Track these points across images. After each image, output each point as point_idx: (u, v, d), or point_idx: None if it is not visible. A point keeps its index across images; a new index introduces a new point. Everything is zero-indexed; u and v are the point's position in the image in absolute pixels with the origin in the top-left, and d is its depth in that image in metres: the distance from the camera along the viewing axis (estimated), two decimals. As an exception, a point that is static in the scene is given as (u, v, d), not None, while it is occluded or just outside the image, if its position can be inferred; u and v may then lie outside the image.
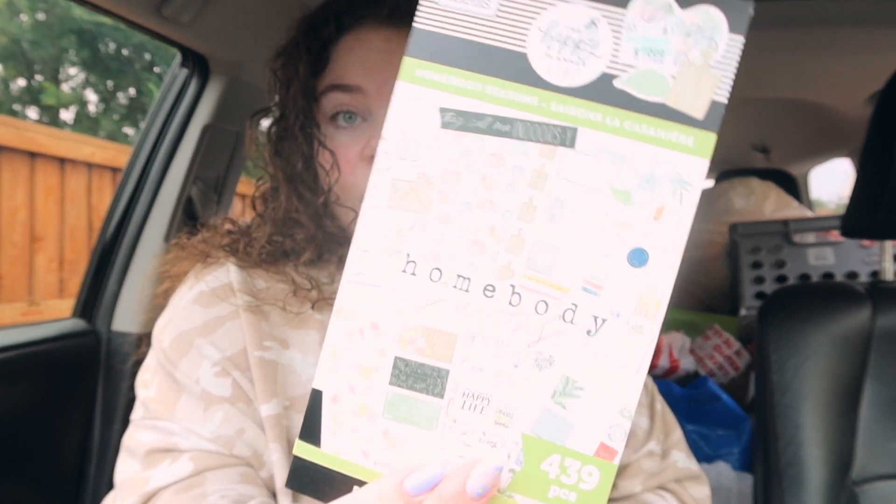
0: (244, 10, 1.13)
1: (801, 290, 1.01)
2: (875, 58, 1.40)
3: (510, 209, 0.37)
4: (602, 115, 0.36)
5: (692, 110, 0.37)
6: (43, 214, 3.37)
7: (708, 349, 1.85)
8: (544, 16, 0.36)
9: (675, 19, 0.36)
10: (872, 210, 0.90)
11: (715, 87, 0.37)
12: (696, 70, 0.36)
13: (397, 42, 0.63)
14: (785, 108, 2.10)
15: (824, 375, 0.93)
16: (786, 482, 0.91)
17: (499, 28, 0.36)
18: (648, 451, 0.73)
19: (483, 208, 0.37)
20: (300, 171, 0.65)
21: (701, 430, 1.52)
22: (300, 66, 0.64)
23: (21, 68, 6.83)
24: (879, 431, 0.91)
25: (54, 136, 3.45)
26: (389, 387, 0.38)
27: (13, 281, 3.27)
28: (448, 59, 0.37)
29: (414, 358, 0.38)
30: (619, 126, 0.36)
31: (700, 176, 0.37)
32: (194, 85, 1.27)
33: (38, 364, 1.10)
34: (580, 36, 0.36)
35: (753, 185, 2.16)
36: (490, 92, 0.37)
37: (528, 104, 0.36)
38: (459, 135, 0.37)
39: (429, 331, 0.37)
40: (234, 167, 1.40)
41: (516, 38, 0.36)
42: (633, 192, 0.36)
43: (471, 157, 0.37)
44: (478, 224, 0.37)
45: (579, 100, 0.36)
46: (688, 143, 0.36)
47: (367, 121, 0.63)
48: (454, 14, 0.37)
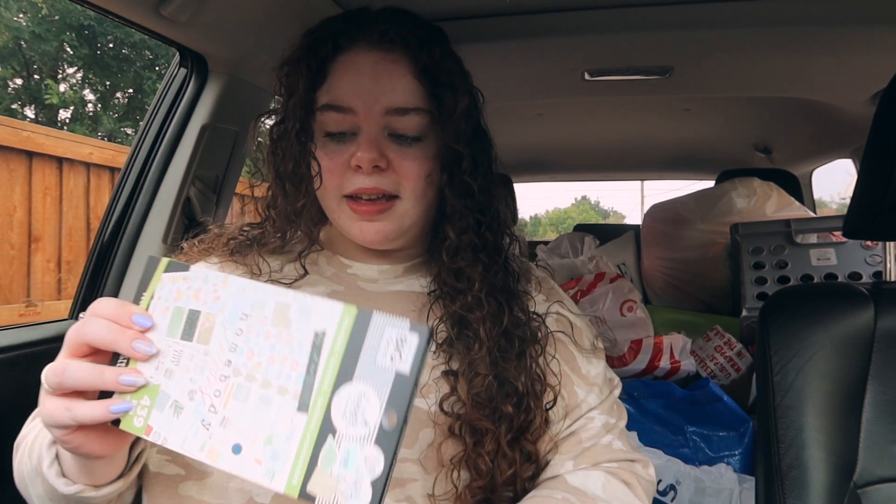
0: (242, 10, 1.13)
1: (802, 290, 1.01)
2: (878, 57, 1.40)
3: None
4: None
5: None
6: (41, 214, 3.37)
7: (709, 350, 1.84)
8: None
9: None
10: (875, 210, 0.90)
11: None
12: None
13: (384, 65, 0.72)
14: (787, 108, 2.10)
15: (826, 377, 0.92)
16: (787, 484, 0.91)
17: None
18: (589, 417, 0.77)
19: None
20: (289, 171, 0.75)
21: (702, 432, 1.52)
22: (301, 81, 0.73)
23: (19, 67, 6.83)
24: (882, 433, 0.90)
25: (52, 136, 3.44)
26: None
27: (10, 281, 3.27)
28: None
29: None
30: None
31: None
32: (193, 84, 1.27)
33: (36, 365, 1.09)
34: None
35: (755, 185, 2.15)
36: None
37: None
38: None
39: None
40: (233, 167, 1.40)
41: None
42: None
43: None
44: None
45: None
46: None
47: (356, 135, 0.72)
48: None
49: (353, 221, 0.73)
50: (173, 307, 0.52)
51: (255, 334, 0.49)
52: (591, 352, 0.81)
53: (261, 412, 0.48)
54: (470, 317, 0.72)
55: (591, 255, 2.40)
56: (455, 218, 0.74)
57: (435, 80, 0.72)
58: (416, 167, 0.72)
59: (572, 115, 2.38)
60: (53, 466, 0.57)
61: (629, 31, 1.34)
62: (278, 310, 0.49)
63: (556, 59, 1.54)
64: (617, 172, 3.81)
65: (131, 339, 0.50)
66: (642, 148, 2.92)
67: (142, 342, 0.50)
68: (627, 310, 1.95)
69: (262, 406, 0.48)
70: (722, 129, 2.51)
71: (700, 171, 3.30)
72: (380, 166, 0.70)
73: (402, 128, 0.72)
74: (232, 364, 0.49)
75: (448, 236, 0.74)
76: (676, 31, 1.34)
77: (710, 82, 1.74)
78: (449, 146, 0.73)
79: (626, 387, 1.71)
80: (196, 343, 0.51)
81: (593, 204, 34.65)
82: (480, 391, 0.69)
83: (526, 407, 0.71)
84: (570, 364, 0.78)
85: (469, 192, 0.74)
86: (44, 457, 0.57)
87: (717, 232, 2.08)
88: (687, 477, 1.42)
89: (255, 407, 0.48)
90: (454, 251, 0.74)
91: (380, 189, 0.71)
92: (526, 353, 0.73)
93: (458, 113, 0.73)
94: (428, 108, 0.72)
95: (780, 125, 2.37)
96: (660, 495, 1.42)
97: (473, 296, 0.73)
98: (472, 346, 0.71)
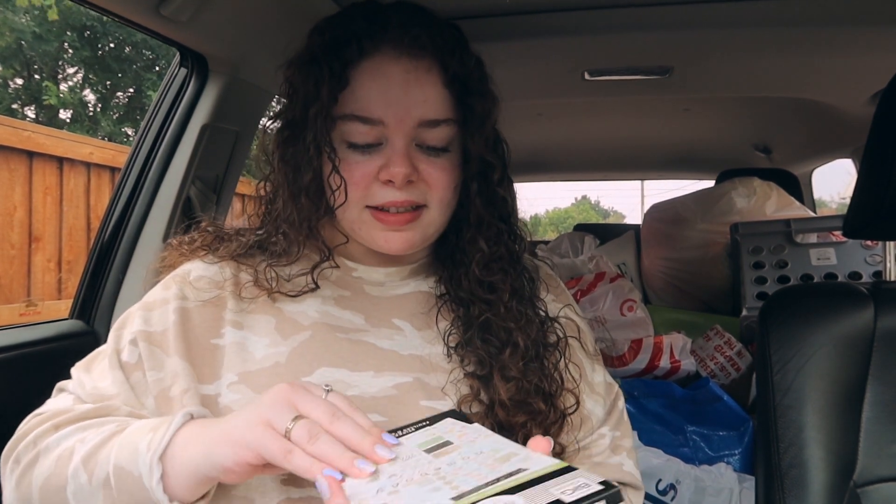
0: (243, 10, 1.13)
1: (802, 290, 1.01)
2: (878, 57, 1.40)
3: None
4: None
5: None
6: (41, 214, 3.37)
7: (709, 350, 1.84)
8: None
9: None
10: (875, 210, 0.90)
11: None
12: None
13: (415, 74, 0.67)
14: (787, 108, 2.10)
15: (826, 376, 0.92)
16: (787, 484, 0.91)
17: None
18: (600, 434, 0.77)
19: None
20: (307, 184, 0.69)
21: (702, 432, 1.52)
22: (322, 87, 0.67)
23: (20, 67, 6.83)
24: (882, 433, 0.90)
25: (53, 136, 3.44)
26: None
27: (11, 281, 3.27)
28: None
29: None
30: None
31: None
32: (193, 84, 1.27)
33: (36, 365, 1.10)
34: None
35: (755, 185, 2.16)
36: None
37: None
38: None
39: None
40: (233, 167, 1.40)
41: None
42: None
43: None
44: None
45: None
46: None
47: (381, 145, 0.68)
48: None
49: (378, 231, 0.70)
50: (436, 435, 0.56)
51: (475, 463, 0.51)
52: (594, 357, 0.81)
53: (423, 493, 0.48)
54: (498, 323, 0.71)
55: (591, 254, 2.40)
56: (484, 228, 0.73)
57: (465, 88, 0.70)
58: (444, 178, 0.70)
59: (572, 114, 2.38)
60: (161, 483, 0.56)
61: (629, 31, 1.34)
62: (506, 455, 0.52)
63: (556, 59, 1.54)
64: (617, 172, 3.81)
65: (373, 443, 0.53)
66: (642, 148, 2.92)
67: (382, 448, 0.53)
68: (627, 309, 1.95)
69: (428, 492, 0.48)
70: (722, 128, 2.51)
71: (700, 170, 3.30)
72: (412, 180, 0.68)
73: (431, 139, 0.69)
74: (440, 471, 0.51)
75: (480, 248, 0.73)
76: (676, 32, 1.33)
77: (709, 82, 1.74)
78: (480, 156, 0.71)
79: (627, 386, 1.71)
80: (431, 456, 0.53)
81: (593, 203, 34.64)
82: (514, 394, 0.68)
83: (552, 406, 0.71)
84: (580, 370, 0.78)
85: (500, 201, 0.73)
86: (151, 471, 0.56)
87: (717, 232, 2.08)
88: (687, 476, 1.42)
89: (424, 492, 0.48)
90: (486, 263, 0.73)
91: (410, 201, 0.69)
92: (547, 356, 0.73)
93: (489, 122, 0.71)
94: (456, 118, 0.70)
95: (780, 125, 2.37)
96: (660, 495, 1.42)
97: (504, 306, 0.72)
98: (503, 350, 0.70)
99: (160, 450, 0.56)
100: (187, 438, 0.56)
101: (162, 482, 0.56)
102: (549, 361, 0.73)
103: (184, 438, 0.56)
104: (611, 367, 1.84)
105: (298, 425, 0.52)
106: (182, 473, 0.56)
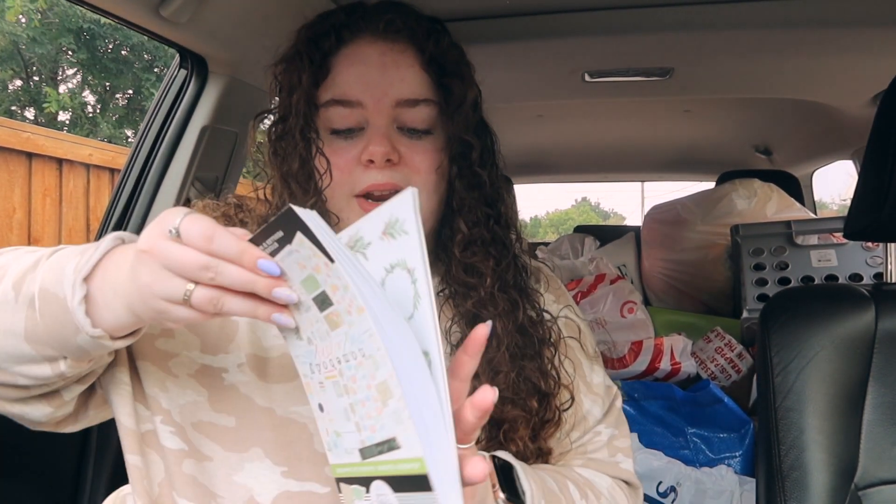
0: (242, 11, 1.13)
1: (803, 292, 1.01)
2: (879, 58, 1.40)
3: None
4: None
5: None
6: (40, 215, 3.36)
7: (709, 352, 1.84)
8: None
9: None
10: (876, 212, 0.90)
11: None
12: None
13: (391, 56, 0.70)
14: (787, 110, 2.10)
15: (827, 378, 0.92)
16: (788, 486, 0.90)
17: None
18: (596, 431, 0.77)
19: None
20: (295, 170, 0.71)
21: (702, 434, 1.52)
22: (303, 75, 0.70)
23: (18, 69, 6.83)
24: (883, 435, 0.90)
25: (52, 137, 3.44)
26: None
27: (11, 282, 3.25)
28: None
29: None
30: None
31: None
32: (193, 85, 1.27)
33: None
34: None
35: (755, 186, 2.15)
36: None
37: None
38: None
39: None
40: (233, 168, 1.40)
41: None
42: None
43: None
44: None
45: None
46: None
47: (363, 130, 0.70)
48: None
49: None
50: (308, 274, 0.47)
51: (364, 387, 0.47)
52: (594, 358, 0.81)
53: (339, 409, 0.49)
54: (484, 313, 0.71)
55: (591, 256, 2.40)
56: (465, 210, 0.73)
57: (442, 70, 0.71)
58: (427, 160, 0.71)
59: (572, 116, 2.38)
60: (83, 304, 0.52)
61: (629, 33, 1.34)
62: (383, 384, 0.46)
63: (556, 61, 1.54)
64: (617, 174, 3.81)
65: (271, 286, 0.47)
66: (643, 149, 2.92)
67: (283, 290, 0.48)
68: (628, 311, 1.95)
69: (343, 420, 0.49)
70: (722, 130, 2.51)
71: (700, 172, 3.30)
72: (392, 160, 0.69)
73: (411, 120, 0.70)
74: (339, 366, 0.48)
75: (459, 229, 0.73)
76: (677, 33, 1.33)
77: (710, 83, 1.74)
78: (458, 137, 0.72)
79: (627, 388, 1.71)
80: (325, 321, 0.48)
81: (594, 205, 34.62)
82: (504, 388, 0.68)
83: (546, 404, 0.71)
84: (578, 370, 0.78)
85: (479, 183, 0.73)
86: (73, 291, 0.52)
87: (717, 233, 2.08)
88: (687, 478, 1.42)
89: (340, 409, 0.49)
90: (465, 245, 0.73)
91: (393, 184, 0.69)
92: (542, 353, 0.73)
93: (467, 103, 0.72)
94: (436, 99, 0.71)
95: (781, 126, 2.37)
96: (660, 497, 1.41)
97: (486, 291, 0.71)
98: (490, 343, 0.69)
99: (85, 270, 0.52)
100: (117, 262, 0.53)
101: (84, 304, 0.52)
102: (545, 359, 0.73)
103: (113, 262, 0.53)
104: (611, 368, 1.84)
105: (195, 296, 0.48)
106: (108, 298, 0.52)
